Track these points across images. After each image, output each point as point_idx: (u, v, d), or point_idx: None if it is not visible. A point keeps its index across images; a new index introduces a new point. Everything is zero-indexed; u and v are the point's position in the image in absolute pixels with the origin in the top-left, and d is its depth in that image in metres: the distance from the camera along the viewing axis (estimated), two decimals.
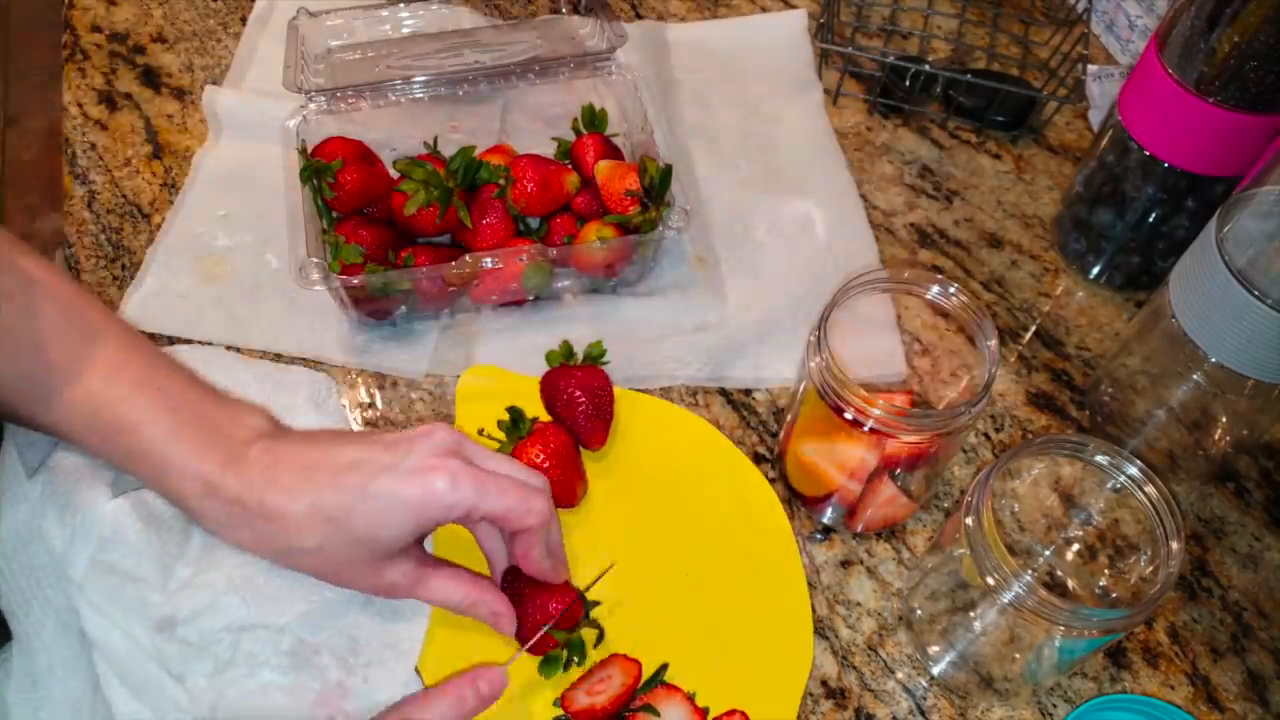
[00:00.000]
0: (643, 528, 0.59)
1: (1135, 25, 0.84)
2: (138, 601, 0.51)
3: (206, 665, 0.51)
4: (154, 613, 0.51)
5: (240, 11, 0.84)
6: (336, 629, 0.53)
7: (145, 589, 0.52)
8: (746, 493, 0.61)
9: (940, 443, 0.52)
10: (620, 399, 0.62)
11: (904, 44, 0.87)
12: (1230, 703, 0.56)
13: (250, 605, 0.52)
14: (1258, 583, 0.60)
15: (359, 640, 0.53)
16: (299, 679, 0.52)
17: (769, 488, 0.61)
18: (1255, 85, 0.56)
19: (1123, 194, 0.66)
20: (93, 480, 0.53)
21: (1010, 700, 0.55)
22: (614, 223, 0.65)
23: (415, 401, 0.64)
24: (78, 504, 0.52)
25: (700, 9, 0.88)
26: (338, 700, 0.52)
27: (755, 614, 0.56)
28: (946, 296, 0.54)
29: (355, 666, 0.53)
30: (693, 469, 0.61)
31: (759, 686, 0.54)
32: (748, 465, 0.62)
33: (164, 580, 0.52)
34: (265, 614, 0.52)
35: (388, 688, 0.52)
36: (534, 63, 0.70)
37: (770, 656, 0.55)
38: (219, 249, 0.70)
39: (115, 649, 0.50)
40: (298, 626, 0.53)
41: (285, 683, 0.52)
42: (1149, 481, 0.47)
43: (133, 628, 0.51)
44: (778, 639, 0.56)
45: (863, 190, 0.76)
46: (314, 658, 0.52)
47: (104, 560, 0.52)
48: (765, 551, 0.58)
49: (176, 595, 0.52)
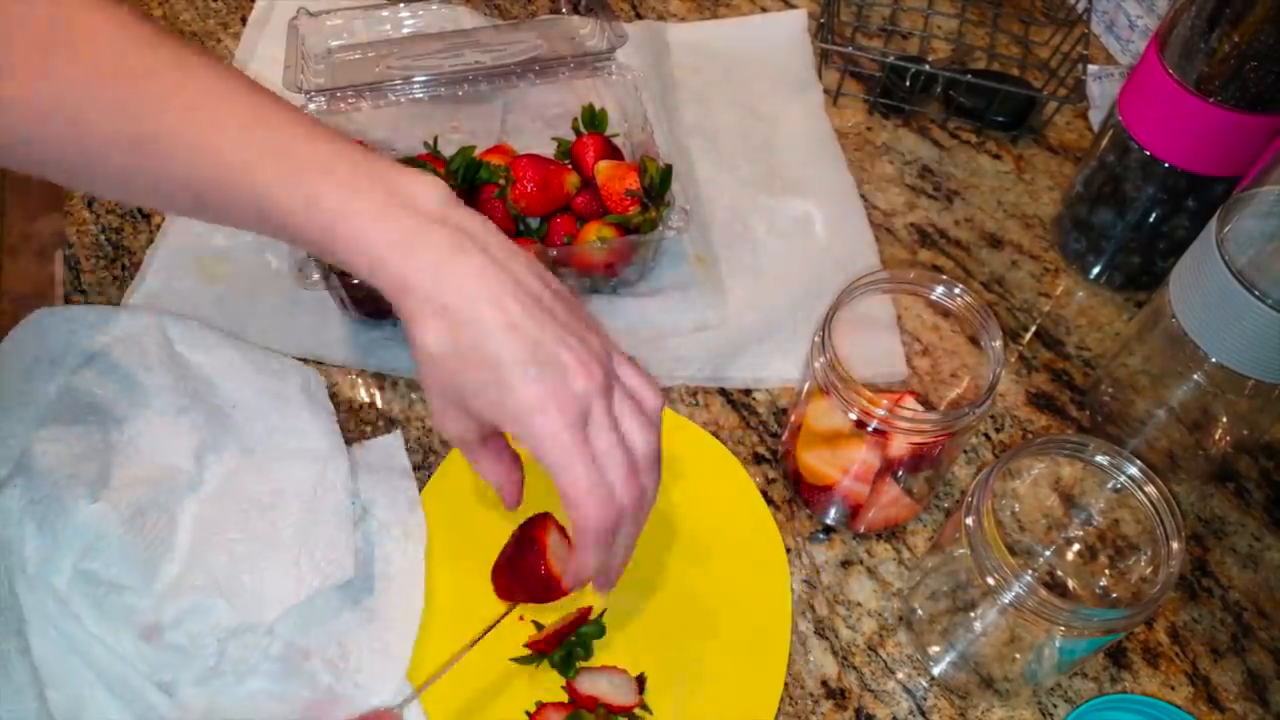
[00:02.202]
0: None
1: (1135, 25, 0.84)
2: (123, 609, 0.51)
3: (195, 672, 0.50)
4: (140, 620, 0.51)
5: (240, 11, 0.84)
6: (326, 633, 0.53)
7: (131, 596, 0.51)
8: (736, 499, 0.60)
9: (944, 443, 0.52)
10: None
11: (904, 44, 0.87)
12: (1230, 703, 0.56)
13: (236, 606, 0.51)
14: (1258, 583, 0.60)
15: (347, 646, 0.53)
16: (290, 686, 0.51)
17: (756, 492, 0.60)
18: (1255, 85, 0.56)
19: (1123, 194, 0.66)
20: (71, 484, 0.52)
21: (1010, 700, 0.55)
22: (614, 223, 0.65)
23: (415, 402, 0.64)
24: (57, 511, 0.52)
25: (700, 9, 0.88)
26: (329, 707, 0.51)
27: (735, 622, 0.56)
28: (951, 297, 0.54)
29: (346, 672, 0.52)
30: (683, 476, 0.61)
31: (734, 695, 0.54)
32: (738, 468, 0.61)
33: (149, 583, 0.52)
34: (251, 613, 0.51)
35: (380, 693, 0.52)
36: (534, 63, 0.70)
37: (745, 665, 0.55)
38: (219, 249, 0.70)
39: (102, 659, 0.50)
40: (286, 630, 0.52)
41: (276, 690, 0.51)
42: (1149, 481, 0.47)
43: (120, 637, 0.50)
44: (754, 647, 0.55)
45: (863, 190, 0.76)
46: (304, 663, 0.52)
47: (87, 568, 0.51)
48: (751, 559, 0.58)
49: (162, 600, 0.51)
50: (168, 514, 0.54)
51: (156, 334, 0.60)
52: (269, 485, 0.56)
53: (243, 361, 0.61)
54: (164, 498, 0.54)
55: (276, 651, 0.52)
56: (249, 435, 0.59)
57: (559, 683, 0.53)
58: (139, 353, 0.59)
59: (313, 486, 0.56)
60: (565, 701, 0.53)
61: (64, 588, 0.50)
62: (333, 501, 0.56)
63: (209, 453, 0.57)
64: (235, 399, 0.60)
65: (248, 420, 0.59)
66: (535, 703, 0.53)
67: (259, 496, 0.56)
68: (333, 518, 0.55)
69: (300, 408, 0.60)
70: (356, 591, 0.55)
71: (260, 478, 0.57)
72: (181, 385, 0.59)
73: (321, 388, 0.63)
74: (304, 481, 0.56)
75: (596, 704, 0.52)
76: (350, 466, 0.58)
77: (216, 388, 0.60)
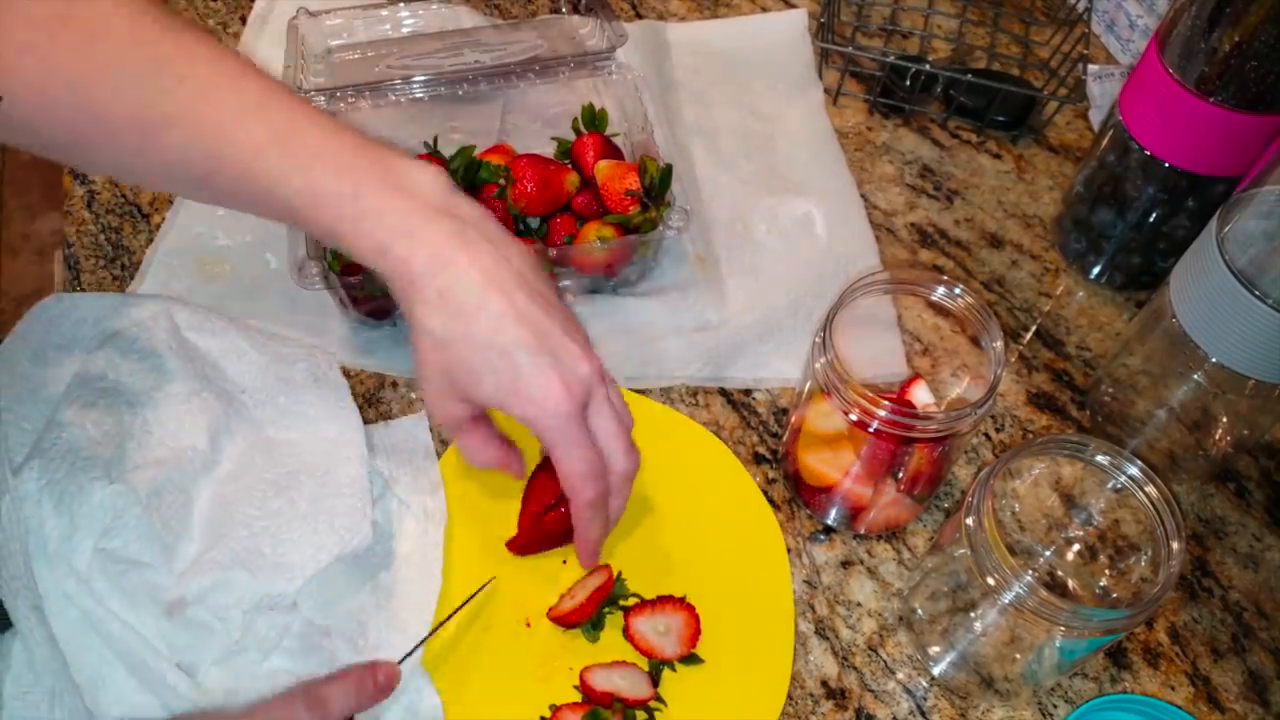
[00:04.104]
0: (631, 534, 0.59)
1: (1135, 25, 0.84)
2: (145, 587, 0.51)
3: (217, 649, 0.51)
4: (163, 596, 0.51)
5: (240, 11, 0.84)
6: (345, 611, 0.54)
7: (152, 574, 0.52)
8: (737, 498, 0.60)
9: (945, 444, 0.52)
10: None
11: (904, 44, 0.87)
12: (1230, 703, 0.56)
13: (258, 576, 0.52)
14: (1258, 583, 0.60)
15: (366, 624, 0.54)
16: (308, 664, 0.52)
17: (759, 492, 0.60)
18: (1255, 85, 0.56)
19: (1123, 194, 0.66)
20: (88, 466, 0.53)
21: (1011, 700, 0.55)
22: (614, 223, 0.65)
23: (415, 402, 0.64)
24: (75, 492, 0.52)
25: (700, 9, 0.88)
26: None
27: (738, 620, 0.56)
28: (952, 297, 0.54)
29: (364, 649, 0.53)
30: (683, 474, 0.61)
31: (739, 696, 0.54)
32: (739, 469, 0.61)
33: (169, 561, 0.52)
34: (273, 583, 0.52)
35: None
36: (534, 63, 0.70)
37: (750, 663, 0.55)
38: (219, 249, 0.70)
39: (122, 639, 0.50)
40: (307, 608, 0.53)
41: (294, 668, 0.51)
42: (1149, 481, 0.47)
43: (141, 615, 0.51)
44: (758, 647, 0.55)
45: (863, 190, 0.76)
46: (324, 641, 0.52)
47: (108, 548, 0.51)
48: (753, 559, 0.58)
49: (185, 576, 0.52)
50: (185, 494, 0.55)
51: (165, 320, 0.60)
52: (283, 465, 0.57)
53: (248, 346, 0.61)
54: (180, 478, 0.55)
55: (298, 629, 0.52)
56: (260, 417, 0.59)
57: (572, 682, 0.53)
58: (149, 338, 0.59)
59: (327, 462, 0.57)
60: (580, 701, 0.53)
61: (84, 567, 0.51)
62: (348, 474, 0.56)
63: (223, 434, 0.58)
64: (244, 383, 0.60)
65: (258, 404, 0.60)
66: (549, 706, 0.53)
67: (274, 476, 0.56)
68: (349, 489, 0.55)
69: (307, 389, 0.60)
70: (375, 569, 0.56)
71: (274, 457, 0.57)
72: (191, 369, 0.59)
73: (332, 367, 0.62)
74: (318, 457, 0.57)
75: (613, 699, 0.52)
76: (366, 441, 0.58)
77: (225, 372, 0.60)
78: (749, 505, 0.60)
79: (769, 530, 0.59)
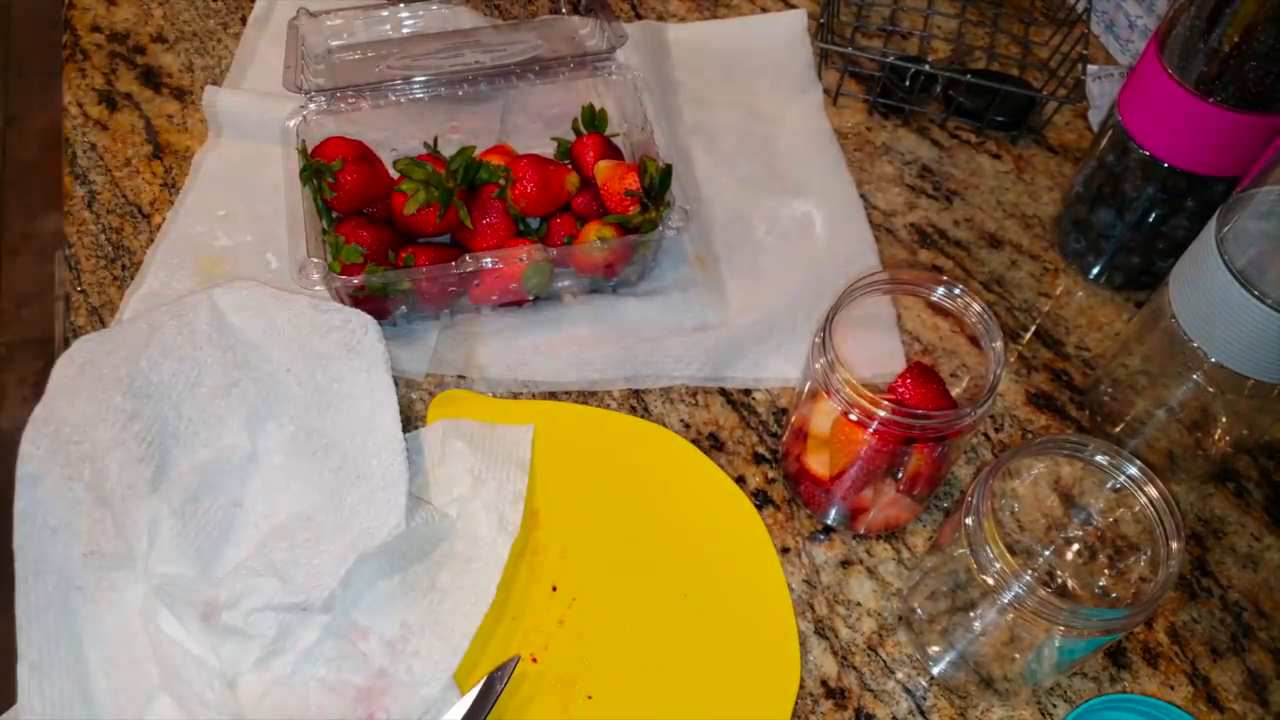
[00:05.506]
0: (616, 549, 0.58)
1: (1135, 25, 0.84)
2: (181, 595, 0.51)
3: (252, 654, 0.51)
4: (198, 599, 0.51)
5: (240, 11, 0.84)
6: (391, 610, 0.53)
7: (187, 582, 0.52)
8: (723, 507, 0.60)
9: (945, 444, 0.52)
10: (587, 417, 0.63)
11: (904, 44, 0.87)
12: (1230, 703, 0.56)
13: (288, 584, 0.51)
14: (1258, 583, 0.60)
15: (411, 625, 0.53)
16: (341, 672, 0.51)
17: (745, 499, 0.60)
18: (1255, 85, 0.56)
19: (1123, 194, 0.66)
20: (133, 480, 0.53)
21: (1010, 700, 0.55)
22: (614, 223, 0.65)
23: (415, 402, 0.64)
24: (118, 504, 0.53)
25: (700, 9, 0.88)
26: (378, 696, 0.51)
27: (737, 631, 0.56)
28: (951, 298, 0.54)
29: (402, 654, 0.52)
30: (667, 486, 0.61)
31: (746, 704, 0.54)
32: (722, 477, 0.61)
33: (207, 570, 0.53)
34: (309, 593, 0.51)
35: (430, 683, 0.51)
36: (534, 63, 0.70)
37: (755, 672, 0.55)
38: (219, 249, 0.70)
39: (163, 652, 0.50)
40: (352, 609, 0.52)
41: (327, 676, 0.51)
42: (1149, 481, 0.47)
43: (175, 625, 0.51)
44: (762, 654, 0.55)
45: (863, 190, 0.76)
46: (360, 643, 0.52)
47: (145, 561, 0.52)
48: (744, 568, 0.58)
49: (220, 582, 0.52)
50: (227, 495, 0.55)
51: (206, 310, 0.60)
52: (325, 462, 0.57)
53: (285, 321, 0.60)
54: (222, 480, 0.56)
55: (336, 630, 0.52)
56: (303, 398, 0.59)
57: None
58: (190, 332, 0.59)
59: (361, 453, 0.56)
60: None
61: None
62: (381, 463, 0.55)
63: (265, 422, 0.58)
64: (286, 361, 0.59)
65: (300, 382, 0.59)
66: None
67: (317, 477, 0.57)
68: (380, 478, 0.55)
69: (340, 361, 0.59)
70: (437, 567, 0.55)
71: (314, 450, 0.57)
72: (230, 358, 0.59)
73: (370, 334, 0.59)
74: (353, 448, 0.56)
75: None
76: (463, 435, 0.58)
77: (268, 353, 0.59)
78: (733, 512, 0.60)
79: (755, 530, 0.59)
